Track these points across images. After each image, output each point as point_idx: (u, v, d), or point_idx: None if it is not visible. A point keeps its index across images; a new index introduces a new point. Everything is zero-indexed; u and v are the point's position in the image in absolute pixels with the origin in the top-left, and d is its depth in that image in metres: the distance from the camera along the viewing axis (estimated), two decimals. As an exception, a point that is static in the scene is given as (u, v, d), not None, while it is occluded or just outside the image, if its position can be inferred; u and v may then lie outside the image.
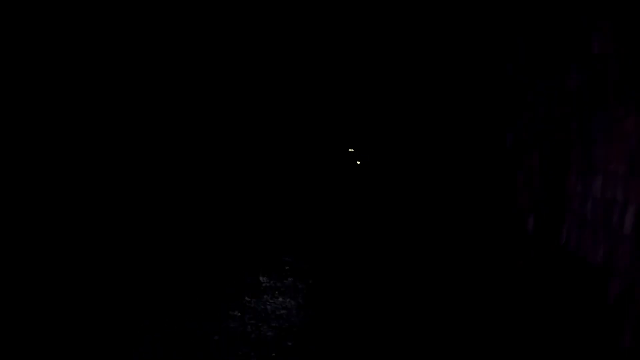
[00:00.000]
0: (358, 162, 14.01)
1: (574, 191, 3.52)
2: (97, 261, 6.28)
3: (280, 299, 4.98)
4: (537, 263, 4.17)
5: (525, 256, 4.53)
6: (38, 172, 6.45)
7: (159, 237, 7.98)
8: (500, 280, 5.26)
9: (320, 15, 8.54)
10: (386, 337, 4.03)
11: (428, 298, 5.07)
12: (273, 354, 3.66)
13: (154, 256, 6.67)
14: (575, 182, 3.49)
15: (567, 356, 3.36)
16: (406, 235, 8.87)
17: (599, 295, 2.93)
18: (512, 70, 5.26)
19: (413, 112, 11.67)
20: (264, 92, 11.81)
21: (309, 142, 14.26)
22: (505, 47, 5.50)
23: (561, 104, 3.86)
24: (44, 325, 4.10)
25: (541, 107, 4.35)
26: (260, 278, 5.72)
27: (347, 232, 9.07)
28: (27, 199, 6.29)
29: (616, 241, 2.75)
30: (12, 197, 6.06)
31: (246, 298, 4.98)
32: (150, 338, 3.88)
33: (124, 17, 7.56)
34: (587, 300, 3.11)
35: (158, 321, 4.28)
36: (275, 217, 10.93)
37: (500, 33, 5.68)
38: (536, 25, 4.52)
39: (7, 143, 5.94)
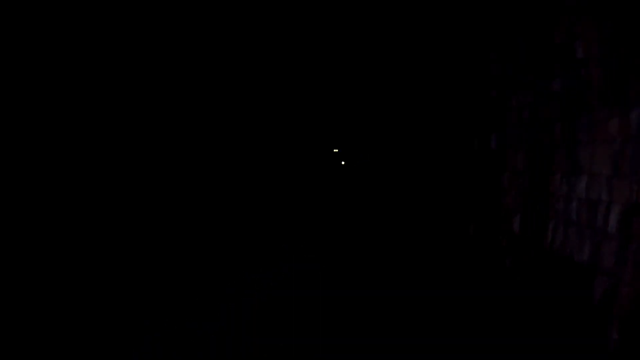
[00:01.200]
0: (342, 163, 13.83)
1: (559, 192, 3.43)
2: (97, 261, 6.25)
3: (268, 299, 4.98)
4: (524, 262, 4.10)
5: (512, 255, 4.41)
6: (39, 172, 6.40)
7: (159, 237, 7.94)
8: (488, 279, 5.18)
9: (307, 19, 8.49)
10: (376, 341, 3.99)
11: (410, 301, 5.02)
12: (265, 354, 3.62)
13: (154, 256, 6.63)
14: (560, 183, 3.40)
15: (556, 354, 3.32)
16: (390, 232, 8.82)
17: (584, 293, 2.88)
18: (497, 73, 5.15)
19: (397, 112, 11.58)
20: (249, 93, 11.76)
21: (295, 141, 14.17)
22: (490, 50, 5.43)
23: (546, 106, 3.77)
24: (45, 325, 4.05)
25: (526, 109, 4.25)
26: (253, 278, 5.70)
27: (336, 236, 9.02)
28: (28, 199, 6.24)
29: (601, 240, 2.69)
30: (13, 197, 6.02)
31: (245, 298, 4.94)
32: (150, 338, 3.83)
33: (127, 18, 7.53)
34: (573, 298, 3.05)
35: (158, 321, 4.21)
36: (267, 218, 10.88)
37: (486, 36, 5.62)
38: (521, 29, 4.43)
39: (7, 143, 5.90)
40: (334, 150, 13.79)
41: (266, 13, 8.12)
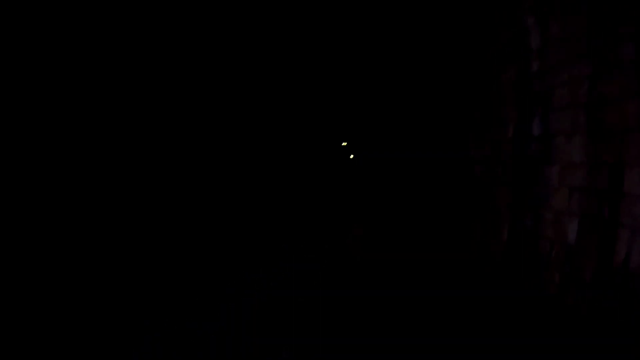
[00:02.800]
0: (352, 156, 13.44)
1: (636, 191, 2.59)
2: (97, 261, 6.16)
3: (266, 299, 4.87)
4: (581, 281, 3.04)
5: (564, 271, 3.32)
6: (38, 172, 6.30)
7: (159, 236, 7.88)
8: (527, 296, 4.06)
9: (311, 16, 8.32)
10: None
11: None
12: (265, 354, 3.53)
13: (154, 256, 6.57)
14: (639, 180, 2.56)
15: None
16: (402, 233, 8.69)
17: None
18: (539, 41, 4.03)
19: (412, 91, 10.65)
20: (251, 89, 11.60)
21: (300, 135, 13.95)
22: (528, 13, 4.31)
23: (612, 80, 2.87)
24: (44, 325, 3.93)
25: (582, 85, 3.23)
26: (253, 278, 5.61)
27: (341, 236, 8.92)
28: (27, 198, 6.14)
29: None
30: (13, 196, 5.92)
31: (245, 298, 4.81)
32: (150, 338, 3.72)
33: (125, 17, 7.41)
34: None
35: (158, 321, 4.09)
36: (268, 216, 10.81)
37: None
38: None
39: (7, 143, 5.78)
40: (343, 144, 13.38)
41: (278, 12, 7.96)
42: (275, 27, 9.06)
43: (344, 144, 13.15)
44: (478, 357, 3.41)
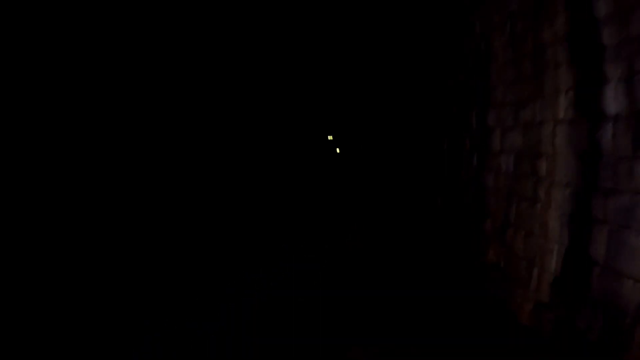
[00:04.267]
0: (338, 150, 13.19)
1: None
2: (97, 261, 6.16)
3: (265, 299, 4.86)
4: None
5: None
6: (38, 172, 6.31)
7: (159, 236, 7.87)
8: None
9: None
10: None
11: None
12: (265, 354, 3.52)
13: (153, 256, 6.56)
14: None
15: None
16: (402, 239, 8.66)
17: None
18: None
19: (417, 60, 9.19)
20: (244, 86, 11.55)
21: (291, 133, 13.82)
22: None
23: None
24: (45, 326, 3.93)
25: None
26: (253, 278, 5.61)
27: (337, 235, 8.91)
28: (27, 198, 6.15)
29: None
30: (12, 196, 5.92)
31: (245, 298, 4.83)
32: (150, 338, 3.73)
33: (124, 17, 7.42)
34: None
35: (158, 321, 4.09)
36: (266, 217, 10.80)
37: None
38: None
39: (7, 143, 5.79)
40: (329, 138, 13.12)
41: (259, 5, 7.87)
42: (270, 29, 9.00)
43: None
44: None
